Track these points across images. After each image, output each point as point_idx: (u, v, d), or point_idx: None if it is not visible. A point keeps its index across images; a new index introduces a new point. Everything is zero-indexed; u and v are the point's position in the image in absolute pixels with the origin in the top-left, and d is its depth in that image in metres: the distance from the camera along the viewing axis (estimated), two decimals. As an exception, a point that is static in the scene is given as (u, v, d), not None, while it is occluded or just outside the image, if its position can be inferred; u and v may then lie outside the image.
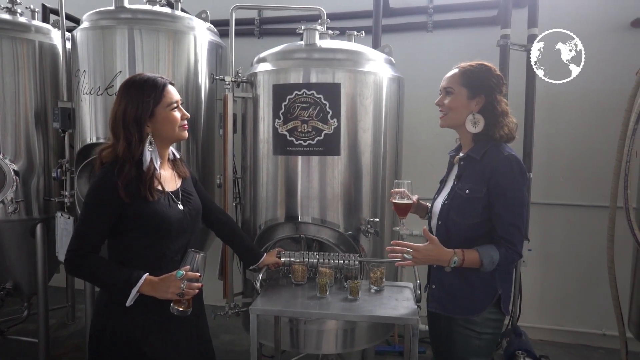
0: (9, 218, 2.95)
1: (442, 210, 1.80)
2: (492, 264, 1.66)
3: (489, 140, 1.73)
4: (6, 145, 2.94)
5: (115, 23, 2.64)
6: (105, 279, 1.54)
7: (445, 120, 1.82)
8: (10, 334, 3.43)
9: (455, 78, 1.77)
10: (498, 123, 1.72)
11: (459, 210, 1.74)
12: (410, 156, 3.56)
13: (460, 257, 1.66)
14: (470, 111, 1.75)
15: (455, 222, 1.74)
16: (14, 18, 3.08)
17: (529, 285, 3.43)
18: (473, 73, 1.75)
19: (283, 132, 2.34)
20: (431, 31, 3.55)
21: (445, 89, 1.80)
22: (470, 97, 1.74)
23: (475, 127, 1.74)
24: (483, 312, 1.74)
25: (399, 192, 1.92)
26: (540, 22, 3.08)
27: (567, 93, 3.30)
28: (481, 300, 1.74)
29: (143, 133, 1.56)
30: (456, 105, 1.76)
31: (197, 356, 1.71)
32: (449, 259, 1.67)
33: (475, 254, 1.67)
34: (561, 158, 3.41)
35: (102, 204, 1.52)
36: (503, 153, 1.69)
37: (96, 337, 1.60)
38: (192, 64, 2.77)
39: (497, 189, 1.66)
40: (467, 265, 1.67)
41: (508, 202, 1.66)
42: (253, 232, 2.55)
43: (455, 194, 1.76)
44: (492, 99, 1.74)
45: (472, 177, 1.73)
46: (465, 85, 1.75)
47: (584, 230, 3.37)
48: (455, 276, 1.76)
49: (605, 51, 3.20)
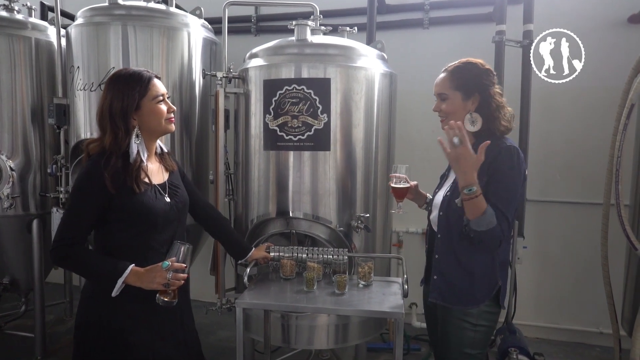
0: (5, 214, 2.98)
1: (443, 201, 1.82)
2: (487, 224, 1.60)
3: (490, 135, 1.74)
4: (3, 141, 2.98)
5: (109, 19, 2.65)
6: (91, 269, 1.55)
7: (445, 124, 1.77)
8: (7, 329, 3.47)
9: (446, 83, 1.79)
10: (496, 118, 1.75)
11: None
12: (407, 153, 3.55)
13: (479, 190, 1.59)
14: (467, 111, 1.77)
15: (456, 211, 1.74)
16: (11, 15, 3.11)
17: (525, 283, 3.41)
18: (462, 73, 1.76)
19: (273, 127, 2.35)
20: (427, 28, 3.54)
21: (439, 95, 1.82)
22: (465, 99, 1.76)
23: (473, 125, 1.75)
24: (481, 305, 1.76)
25: (396, 176, 1.94)
26: (535, 19, 3.07)
27: (563, 90, 3.26)
28: (481, 292, 1.76)
29: (129, 125, 1.57)
30: (453, 109, 1.78)
31: (182, 346, 1.72)
32: (472, 179, 1.59)
33: (485, 204, 1.61)
34: (557, 155, 3.39)
35: (89, 195, 1.54)
36: (505, 143, 1.72)
37: (82, 329, 1.61)
38: (186, 60, 2.79)
39: (495, 175, 1.67)
40: (476, 204, 1.59)
41: (503, 191, 1.66)
42: (245, 228, 2.56)
43: (457, 185, 1.73)
44: (486, 96, 1.75)
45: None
46: (457, 88, 1.76)
47: (580, 228, 3.34)
48: (457, 267, 1.77)
49: (602, 47, 3.17)
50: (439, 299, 1.82)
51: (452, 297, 1.79)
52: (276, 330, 2.43)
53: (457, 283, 1.78)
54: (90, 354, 1.58)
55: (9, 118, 2.99)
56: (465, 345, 1.78)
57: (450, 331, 1.80)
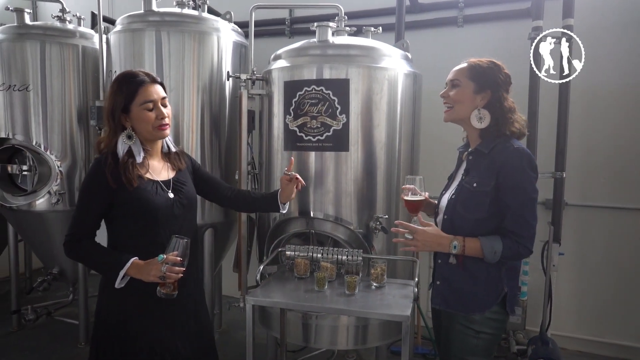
0: (54, 208, 3.22)
1: (448, 204, 1.77)
2: (494, 254, 1.62)
3: (499, 136, 1.70)
4: (53, 142, 3.22)
5: (145, 25, 2.80)
6: (96, 262, 1.66)
7: (450, 114, 1.79)
8: (57, 315, 3.73)
9: (462, 71, 1.75)
10: (507, 119, 1.69)
11: (465, 204, 1.70)
12: (439, 154, 3.47)
13: (461, 243, 1.64)
14: (475, 106, 1.72)
15: (461, 215, 1.70)
16: (63, 25, 3.37)
17: (564, 292, 3.23)
18: (481, 68, 1.72)
19: (293, 127, 2.38)
20: (462, 26, 3.45)
21: (451, 82, 1.77)
22: (477, 92, 1.71)
23: (481, 122, 1.71)
24: (485, 311, 1.69)
25: (410, 189, 1.85)
26: (576, 12, 2.90)
27: (608, 89, 3.09)
28: (485, 298, 1.70)
29: (117, 126, 1.65)
30: (462, 98, 1.73)
31: (193, 337, 1.78)
32: (448, 243, 1.65)
33: (477, 242, 1.64)
34: (599, 157, 3.18)
35: (93, 191, 1.64)
36: (513, 146, 1.65)
37: (95, 319, 1.72)
38: (216, 63, 2.88)
39: (506, 182, 1.62)
40: (469, 253, 1.65)
41: (517, 194, 1.62)
42: (267, 226, 2.61)
43: (462, 187, 1.73)
44: (498, 95, 1.70)
45: (480, 171, 1.70)
46: (472, 79, 1.72)
47: (623, 235, 3.12)
48: (460, 272, 1.71)
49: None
50: (442, 305, 1.77)
51: (455, 302, 1.74)
52: (297, 329, 2.46)
53: (460, 288, 1.73)
54: (101, 343, 1.68)
55: (58, 121, 3.23)
56: (467, 353, 1.72)
57: (452, 337, 1.75)
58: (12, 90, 3.18)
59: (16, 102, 3.18)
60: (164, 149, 1.81)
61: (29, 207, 3.23)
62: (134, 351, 1.65)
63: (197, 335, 1.80)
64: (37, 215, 3.26)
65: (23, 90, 3.17)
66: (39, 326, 3.64)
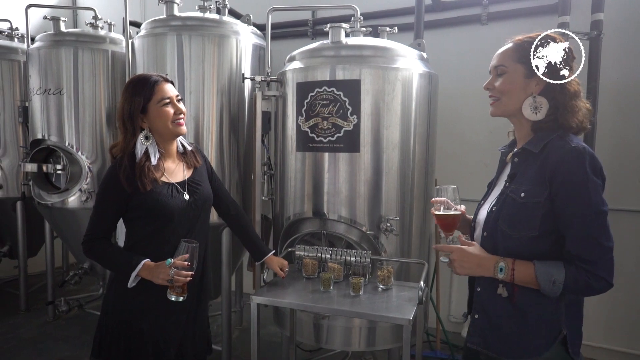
0: (83, 205, 3.37)
1: (487, 219, 1.43)
2: (553, 284, 1.27)
3: (556, 130, 1.34)
4: (84, 143, 3.38)
5: (166, 30, 2.89)
6: (111, 261, 1.72)
7: (497, 107, 1.44)
8: (87, 308, 3.91)
9: (508, 53, 1.41)
10: (570, 107, 1.33)
11: (510, 220, 1.35)
12: (462, 155, 3.40)
13: (510, 266, 1.31)
14: (529, 93, 1.37)
15: (505, 234, 1.35)
16: (95, 32, 3.53)
17: (593, 300, 3.06)
18: (531, 45, 1.36)
19: (305, 129, 2.39)
20: (486, 24, 3.36)
21: (496, 68, 1.43)
22: (529, 76, 1.36)
23: (536, 112, 1.36)
24: (539, 358, 1.34)
25: (441, 202, 1.53)
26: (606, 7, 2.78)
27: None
28: (538, 340, 1.34)
29: (136, 128, 1.70)
30: (510, 87, 1.39)
31: (191, 335, 1.82)
32: (492, 265, 1.33)
33: (531, 267, 1.30)
34: (633, 159, 3.02)
35: (109, 194, 1.70)
36: (570, 144, 1.29)
37: (102, 313, 1.79)
38: (235, 66, 2.93)
39: (563, 190, 1.27)
40: (519, 280, 1.31)
41: (578, 207, 1.26)
42: (281, 225, 2.63)
43: (507, 198, 1.38)
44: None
45: (529, 176, 1.35)
46: (521, 61, 1.37)
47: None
48: (505, 304, 1.37)
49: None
50: (481, 345, 1.42)
51: (497, 343, 1.39)
52: (309, 329, 2.47)
53: (504, 325, 1.37)
54: (105, 338, 1.74)
55: (89, 124, 3.39)
56: None
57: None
58: (48, 94, 3.37)
59: (51, 105, 3.37)
60: (179, 149, 1.84)
61: (62, 205, 3.41)
62: (139, 347, 1.70)
63: (194, 334, 1.85)
64: (69, 212, 3.43)
65: (57, 94, 3.35)
66: (71, 317, 3.83)
